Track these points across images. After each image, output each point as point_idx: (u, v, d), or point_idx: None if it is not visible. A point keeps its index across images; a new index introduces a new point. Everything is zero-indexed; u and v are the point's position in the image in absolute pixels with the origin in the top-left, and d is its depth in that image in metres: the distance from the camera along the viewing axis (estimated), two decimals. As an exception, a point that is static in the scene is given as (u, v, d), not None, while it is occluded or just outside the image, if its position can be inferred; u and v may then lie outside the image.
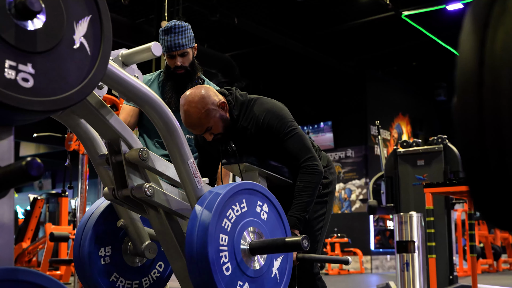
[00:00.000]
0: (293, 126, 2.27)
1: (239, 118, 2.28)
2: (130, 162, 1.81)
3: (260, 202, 1.90)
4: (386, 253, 12.15)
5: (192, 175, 1.81)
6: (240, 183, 1.85)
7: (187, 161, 1.80)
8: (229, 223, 1.77)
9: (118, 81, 1.59)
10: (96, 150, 1.89)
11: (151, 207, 1.91)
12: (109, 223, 2.05)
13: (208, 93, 2.19)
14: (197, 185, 1.83)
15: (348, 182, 12.67)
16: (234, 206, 1.79)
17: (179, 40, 2.62)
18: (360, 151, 12.60)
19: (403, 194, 5.72)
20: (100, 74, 1.25)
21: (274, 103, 2.33)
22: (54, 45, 1.15)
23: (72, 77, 1.18)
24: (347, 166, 12.74)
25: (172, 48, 2.62)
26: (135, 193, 1.81)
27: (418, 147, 5.77)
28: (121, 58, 1.77)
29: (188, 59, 2.69)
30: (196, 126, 2.18)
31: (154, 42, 1.78)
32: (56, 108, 1.15)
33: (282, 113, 2.28)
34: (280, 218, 1.97)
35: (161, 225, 1.93)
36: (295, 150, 2.25)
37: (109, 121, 1.72)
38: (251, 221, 1.84)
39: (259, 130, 2.26)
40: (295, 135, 2.25)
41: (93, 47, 1.24)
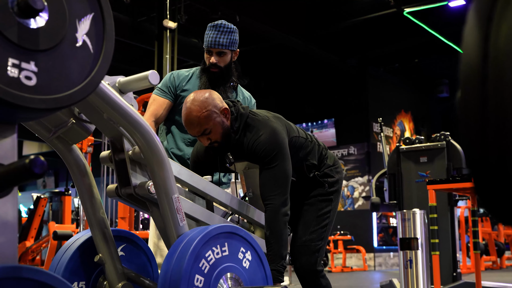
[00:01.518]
0: (278, 158, 2.19)
1: (237, 131, 2.26)
2: (133, 160, 1.81)
3: (243, 249, 1.85)
4: (389, 250, 12.14)
5: (174, 211, 1.78)
6: (223, 225, 1.81)
7: (171, 195, 1.77)
8: (207, 265, 1.72)
9: (113, 104, 1.59)
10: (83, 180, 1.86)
11: (154, 205, 1.92)
12: (87, 257, 1.97)
13: (212, 97, 2.20)
14: (179, 222, 1.79)
15: (351, 180, 12.66)
16: (214, 248, 1.75)
17: (220, 39, 2.63)
18: (363, 148, 12.59)
19: (406, 191, 5.72)
20: (102, 72, 1.24)
21: (273, 127, 2.25)
22: (57, 43, 1.15)
23: (74, 75, 1.18)
24: (349, 163, 12.73)
25: (211, 44, 2.63)
26: (138, 191, 1.81)
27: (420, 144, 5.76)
28: (118, 85, 1.75)
29: (225, 60, 2.67)
30: (194, 125, 2.17)
31: (152, 71, 1.75)
32: (58, 106, 1.15)
33: (275, 141, 2.21)
34: (263, 266, 1.92)
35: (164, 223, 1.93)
36: (265, 182, 2.18)
37: (112, 119, 1.71)
38: (232, 267, 1.79)
39: (249, 149, 2.24)
40: (274, 168, 2.18)
41: (95, 45, 1.23)
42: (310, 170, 2.41)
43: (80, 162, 1.85)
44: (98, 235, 1.93)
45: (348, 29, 10.96)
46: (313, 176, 2.41)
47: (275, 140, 2.21)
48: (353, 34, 11.28)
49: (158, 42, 9.02)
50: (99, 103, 1.57)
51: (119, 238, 2.06)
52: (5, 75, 1.06)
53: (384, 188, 6.65)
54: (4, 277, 1.03)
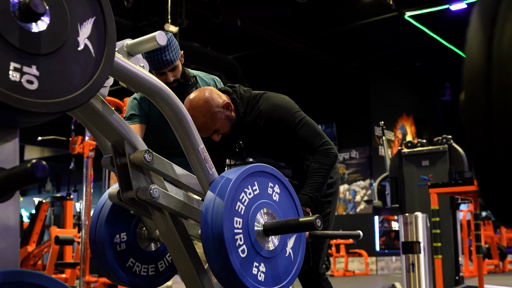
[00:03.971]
0: (302, 115, 2.31)
1: (246, 115, 2.29)
2: (135, 164, 1.80)
3: (272, 184, 1.91)
4: (391, 254, 12.12)
5: (203, 161, 1.83)
6: (250, 166, 1.86)
7: (197, 147, 1.81)
8: (243, 206, 1.79)
9: (126, 72, 1.59)
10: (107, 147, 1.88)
11: (156, 209, 1.91)
12: (123, 209, 2.05)
13: (211, 96, 2.20)
14: (208, 171, 1.85)
15: (353, 183, 12.65)
16: (246, 189, 1.81)
17: (167, 56, 2.49)
18: (365, 152, 12.58)
19: (408, 194, 5.71)
20: (104, 75, 1.25)
21: (280, 96, 2.37)
22: (59, 47, 1.15)
23: (76, 79, 1.18)
24: (351, 167, 12.72)
25: (161, 66, 2.50)
26: (140, 195, 1.81)
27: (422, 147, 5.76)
28: (126, 48, 1.77)
29: (179, 71, 2.57)
30: (203, 129, 2.19)
31: (159, 31, 1.76)
32: (60, 110, 1.15)
33: (290, 105, 2.32)
34: (292, 198, 1.99)
35: (166, 227, 1.93)
36: (309, 138, 2.28)
37: (113, 122, 1.71)
38: (264, 203, 1.86)
39: (269, 125, 2.28)
40: (305, 123, 2.29)
41: (97, 49, 1.24)
42: None
43: None
44: None
45: (349, 33, 10.98)
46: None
47: (289, 104, 2.33)
48: (355, 38, 11.30)
49: (160, 47, 9.03)
50: (113, 73, 1.58)
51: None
52: (7, 79, 1.06)
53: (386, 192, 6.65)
54: (6, 282, 1.02)
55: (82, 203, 5.48)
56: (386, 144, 7.78)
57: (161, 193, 1.83)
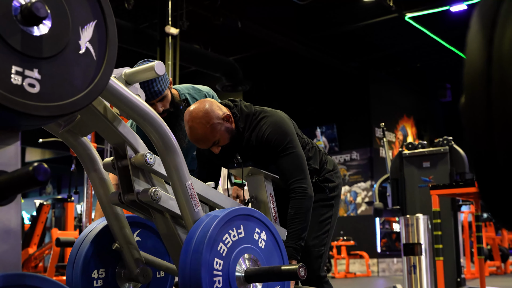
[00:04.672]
0: (292, 144, 2.24)
1: (244, 131, 2.28)
2: (136, 167, 1.81)
3: (258, 230, 1.87)
4: (392, 256, 12.11)
5: (189, 198, 1.79)
6: (238, 208, 1.83)
7: (185, 183, 1.78)
8: (225, 248, 1.74)
9: (120, 97, 1.60)
10: (95, 170, 1.91)
11: (157, 211, 1.92)
12: (104, 245, 2.03)
13: (211, 108, 2.20)
14: (194, 208, 1.81)
15: (354, 185, 12.65)
16: (231, 231, 1.77)
17: (155, 87, 2.43)
18: (365, 154, 12.58)
19: (409, 196, 5.71)
20: (106, 78, 1.25)
21: (279, 116, 2.32)
22: (60, 50, 1.15)
23: (78, 82, 1.19)
24: (352, 168, 12.72)
25: (150, 98, 2.43)
26: (141, 197, 1.81)
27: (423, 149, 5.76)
28: (124, 77, 1.77)
29: (168, 100, 2.51)
30: (202, 141, 2.19)
31: (158, 61, 1.76)
32: (62, 113, 1.15)
33: (284, 128, 2.27)
34: (279, 247, 1.94)
35: (167, 229, 1.94)
36: (287, 169, 2.23)
37: (115, 125, 1.72)
38: (248, 248, 1.81)
39: (259, 143, 2.26)
40: (291, 154, 2.23)
41: (98, 52, 1.24)
42: (312, 175, 2.41)
43: (91, 154, 1.89)
44: (114, 222, 1.99)
45: (349, 33, 10.99)
46: (314, 182, 2.41)
47: (284, 128, 2.27)
48: (355, 38, 11.31)
49: (160, 48, 9.04)
50: (107, 97, 1.59)
51: (134, 224, 2.13)
52: (9, 82, 1.06)
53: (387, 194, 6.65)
54: (8, 285, 1.03)
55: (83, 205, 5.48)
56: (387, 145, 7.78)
57: (162, 195, 1.83)
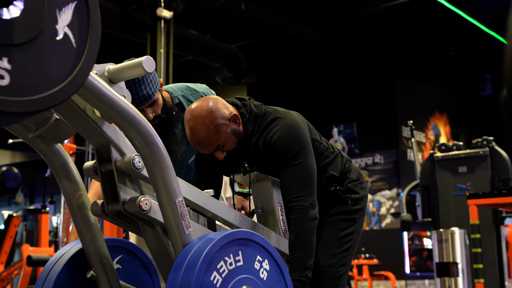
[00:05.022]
0: (302, 153, 2.23)
1: (253, 134, 2.29)
2: (122, 172, 1.81)
3: (260, 257, 1.85)
4: (423, 277, 12.07)
5: (179, 217, 1.78)
6: (236, 231, 1.82)
7: (174, 199, 1.77)
8: (219, 278, 1.72)
9: (101, 97, 1.58)
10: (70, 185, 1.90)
11: (147, 224, 1.92)
12: (78, 272, 1.99)
13: (216, 106, 2.20)
14: (184, 230, 1.79)
15: (377, 193, 12.62)
16: (227, 257, 1.75)
17: (143, 90, 2.44)
18: (391, 157, 12.55)
19: (443, 206, 5.69)
20: (87, 69, 1.25)
21: (293, 119, 2.31)
22: (34, 37, 1.16)
23: (55, 73, 1.19)
24: (375, 174, 12.69)
25: (138, 103, 2.45)
26: (128, 207, 1.81)
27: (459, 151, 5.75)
28: (108, 74, 1.75)
29: (159, 105, 2.52)
30: (205, 144, 2.19)
31: (146, 56, 1.75)
32: (36, 109, 1.16)
33: (296, 134, 2.26)
34: (283, 278, 1.92)
35: (158, 245, 1.93)
36: (289, 182, 2.22)
37: (98, 123, 1.72)
38: (247, 279, 1.79)
39: (266, 148, 2.27)
40: (298, 165, 2.22)
41: (78, 39, 1.24)
42: (330, 182, 2.41)
43: (67, 164, 1.89)
44: (90, 246, 1.96)
45: (371, 18, 10.96)
46: (334, 191, 2.42)
47: (296, 133, 2.26)
48: (378, 24, 11.28)
49: (151, 34, 9.05)
50: (86, 97, 1.58)
51: (115, 249, 2.10)
52: (-26, 73, 1.06)
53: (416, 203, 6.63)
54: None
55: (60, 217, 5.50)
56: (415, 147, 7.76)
57: (153, 205, 1.83)
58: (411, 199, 7.35)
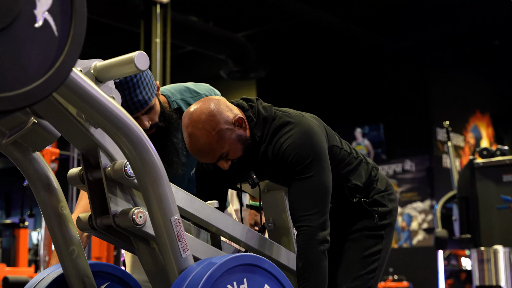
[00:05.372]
0: (315, 165, 2.21)
1: (261, 140, 2.28)
2: (113, 180, 1.81)
3: (268, 286, 1.86)
4: (461, 303, 12.03)
5: (175, 239, 1.77)
6: (240, 255, 1.82)
7: (169, 217, 1.76)
8: None
9: (86, 98, 1.57)
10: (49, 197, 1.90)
11: (141, 240, 1.92)
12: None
13: (219, 108, 2.19)
14: (180, 253, 1.78)
15: (407, 206, 12.59)
16: (230, 286, 1.76)
17: (139, 95, 2.42)
18: (423, 163, 12.52)
19: (484, 221, 5.67)
20: (71, 61, 1.25)
21: (307, 124, 2.29)
22: (8, 23, 1.16)
23: (33, 66, 1.19)
24: (405, 183, 12.66)
25: (133, 110, 2.43)
26: (119, 221, 1.81)
27: (503, 156, 5.72)
28: (94, 72, 1.75)
29: (156, 111, 2.51)
30: (206, 153, 2.19)
31: (138, 52, 1.74)
32: (11, 107, 1.16)
33: (310, 143, 2.23)
34: None
35: (154, 264, 1.94)
36: (297, 198, 2.20)
37: (84, 124, 1.72)
38: None
39: (275, 158, 2.26)
40: (309, 179, 2.20)
41: (61, 26, 1.24)
42: (353, 193, 2.41)
43: (45, 175, 1.88)
44: (72, 272, 1.94)
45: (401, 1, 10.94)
46: (357, 202, 2.41)
47: (310, 141, 2.23)
48: (407, 8, 11.26)
49: (145, 21, 9.07)
50: (68, 97, 1.58)
51: (101, 275, 2.08)
52: None
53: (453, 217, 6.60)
54: None
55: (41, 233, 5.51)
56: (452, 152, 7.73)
57: (148, 218, 1.83)
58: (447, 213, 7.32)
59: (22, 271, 6.96)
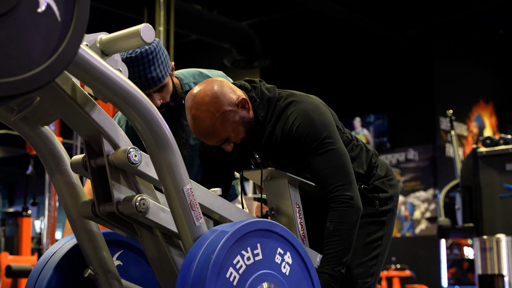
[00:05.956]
0: (331, 138, 2.26)
1: (265, 121, 2.29)
2: (116, 167, 1.81)
3: (281, 250, 1.88)
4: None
5: (188, 208, 1.79)
6: (253, 221, 1.83)
7: (182, 187, 1.78)
8: (237, 275, 1.74)
9: (93, 73, 1.58)
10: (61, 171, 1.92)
11: (144, 227, 1.92)
12: (73, 272, 2.02)
13: (222, 90, 2.21)
14: (194, 222, 1.80)
15: (410, 195, 12.60)
16: (244, 251, 1.77)
17: (153, 72, 2.48)
18: (426, 152, 12.51)
19: (487, 210, 5.67)
20: (74, 47, 1.25)
21: (313, 103, 2.33)
22: (10, 8, 1.15)
23: (36, 51, 1.19)
24: (408, 172, 12.66)
25: (145, 86, 2.49)
26: (123, 208, 1.82)
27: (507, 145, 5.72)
28: (100, 45, 1.76)
29: (168, 91, 2.57)
30: (210, 135, 2.21)
31: (144, 24, 1.75)
32: (14, 93, 1.15)
33: (320, 118, 2.28)
34: (308, 273, 1.94)
35: (157, 251, 1.94)
36: (325, 172, 2.24)
37: (87, 111, 1.72)
38: (268, 275, 1.82)
39: (286, 138, 2.27)
40: (330, 151, 2.25)
41: (63, 11, 1.24)
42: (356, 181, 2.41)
43: (56, 150, 1.90)
44: (86, 241, 1.98)
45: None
46: (359, 190, 2.41)
47: (319, 118, 2.28)
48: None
49: (148, 9, 9.06)
50: (74, 72, 1.59)
51: (114, 243, 2.13)
52: None
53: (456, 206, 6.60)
54: None
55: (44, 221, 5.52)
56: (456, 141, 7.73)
57: (151, 205, 1.83)
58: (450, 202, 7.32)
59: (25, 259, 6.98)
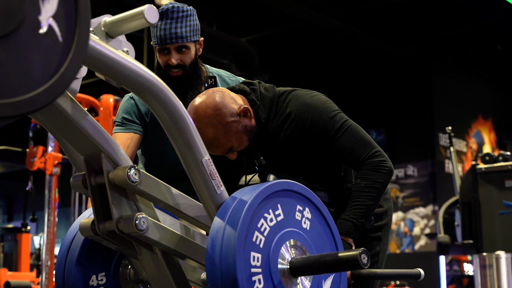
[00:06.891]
0: (343, 118, 2.33)
1: (269, 121, 2.31)
2: (116, 185, 1.81)
3: (300, 207, 1.92)
4: (463, 308, 12.00)
5: (208, 177, 1.83)
6: (272, 184, 1.87)
7: (200, 159, 1.81)
8: (262, 237, 1.78)
9: (103, 59, 1.58)
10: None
11: (144, 246, 1.92)
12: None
13: (223, 101, 2.21)
14: (215, 190, 1.84)
15: (410, 211, 12.58)
16: (266, 214, 1.81)
17: (178, 28, 2.58)
18: (425, 168, 12.51)
19: (486, 226, 5.66)
20: (75, 66, 1.25)
21: (313, 94, 2.38)
22: (13, 30, 1.16)
23: (38, 72, 1.19)
24: (407, 188, 12.65)
25: (167, 39, 2.57)
26: (122, 226, 1.81)
27: (506, 162, 5.72)
28: (104, 28, 1.79)
29: (190, 57, 2.65)
30: (214, 147, 2.22)
31: (148, 5, 1.78)
32: (15, 113, 1.15)
33: (326, 106, 2.34)
34: (328, 226, 1.99)
35: (157, 270, 1.93)
36: (353, 148, 2.29)
37: (87, 129, 1.73)
38: (290, 232, 1.86)
39: (300, 133, 2.30)
40: (348, 129, 2.31)
41: (65, 32, 1.24)
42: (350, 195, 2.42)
43: None
44: None
45: (404, 5, 10.94)
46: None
47: (326, 104, 2.35)
48: (412, 12, 11.25)
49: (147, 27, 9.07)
50: (85, 62, 1.58)
51: None
52: None
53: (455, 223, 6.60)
54: None
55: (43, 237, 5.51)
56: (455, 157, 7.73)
57: (151, 224, 1.83)
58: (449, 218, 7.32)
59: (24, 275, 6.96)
